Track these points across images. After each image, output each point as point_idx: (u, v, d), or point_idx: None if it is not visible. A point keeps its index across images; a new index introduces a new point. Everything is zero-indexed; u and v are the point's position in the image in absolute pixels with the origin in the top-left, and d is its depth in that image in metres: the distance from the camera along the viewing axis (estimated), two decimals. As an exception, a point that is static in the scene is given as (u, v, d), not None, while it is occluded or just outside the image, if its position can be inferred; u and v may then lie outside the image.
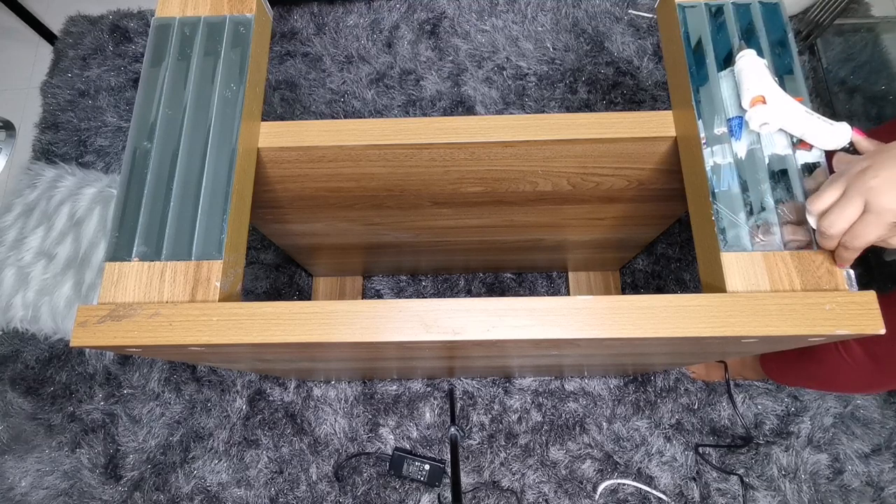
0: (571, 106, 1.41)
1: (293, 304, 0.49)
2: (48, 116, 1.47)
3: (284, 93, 1.46)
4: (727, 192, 0.52)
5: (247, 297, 1.29)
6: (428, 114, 1.42)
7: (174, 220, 0.54)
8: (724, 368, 1.13)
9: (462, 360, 0.83)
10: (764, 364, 1.06)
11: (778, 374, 1.03)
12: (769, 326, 0.47)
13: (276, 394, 1.20)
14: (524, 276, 1.28)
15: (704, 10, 0.59)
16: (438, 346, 0.52)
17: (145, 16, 1.58)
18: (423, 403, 1.18)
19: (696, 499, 1.10)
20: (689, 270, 1.26)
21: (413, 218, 0.83)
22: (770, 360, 1.04)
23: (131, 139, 0.57)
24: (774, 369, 1.04)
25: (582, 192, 0.74)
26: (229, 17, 0.62)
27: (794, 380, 1.01)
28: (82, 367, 1.24)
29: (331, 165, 0.65)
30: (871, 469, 1.10)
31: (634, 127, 0.60)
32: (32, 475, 1.17)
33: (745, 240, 0.51)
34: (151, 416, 1.20)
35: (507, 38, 1.48)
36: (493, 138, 0.61)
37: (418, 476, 1.11)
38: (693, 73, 0.57)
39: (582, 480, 1.12)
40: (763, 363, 1.06)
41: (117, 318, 0.49)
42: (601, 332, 0.48)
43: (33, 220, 1.22)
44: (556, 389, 1.18)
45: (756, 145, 0.54)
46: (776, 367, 1.03)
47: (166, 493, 1.14)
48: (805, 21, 1.41)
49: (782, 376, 1.03)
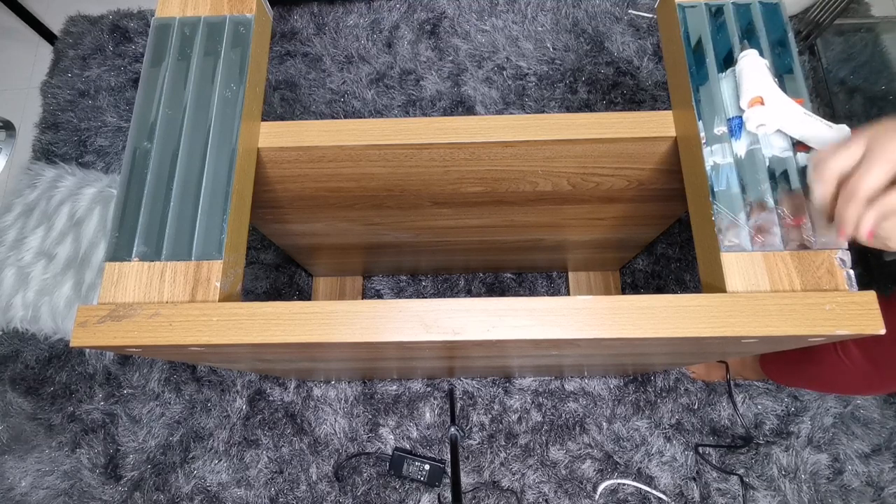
0: (571, 106, 1.41)
1: (293, 304, 0.49)
2: (48, 116, 1.47)
3: (284, 93, 1.46)
4: (727, 192, 0.52)
5: (247, 297, 1.29)
6: (428, 114, 1.42)
7: (174, 220, 0.54)
8: (724, 368, 1.13)
9: (462, 360, 0.83)
10: (763, 365, 1.06)
11: (777, 374, 1.03)
12: (769, 326, 0.47)
13: (276, 394, 1.20)
14: (524, 276, 1.28)
15: (704, 10, 0.59)
16: (438, 346, 0.52)
17: (145, 16, 1.58)
18: (423, 403, 1.18)
19: (696, 499, 1.10)
20: (689, 270, 1.26)
21: (413, 218, 0.83)
22: (769, 360, 1.04)
23: (131, 139, 0.57)
24: (773, 370, 1.04)
25: (582, 192, 0.74)
26: (229, 17, 0.62)
27: (792, 380, 1.01)
28: (82, 367, 1.24)
29: (331, 165, 0.65)
30: (871, 469, 1.10)
31: (634, 127, 0.60)
32: (32, 475, 1.17)
33: (745, 240, 0.51)
34: (151, 416, 1.20)
35: (507, 38, 1.48)
36: (493, 138, 0.61)
37: (418, 476, 1.11)
38: (693, 73, 0.57)
39: (582, 480, 1.12)
40: (763, 364, 1.06)
41: (117, 319, 0.49)
42: (601, 332, 0.48)
43: (33, 220, 1.22)
44: (556, 389, 1.18)
45: (756, 145, 0.54)
46: (775, 367, 1.03)
47: (166, 493, 1.14)
48: (805, 21, 1.41)
49: (781, 377, 1.03)
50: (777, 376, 1.04)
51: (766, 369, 1.06)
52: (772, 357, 1.04)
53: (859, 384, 0.82)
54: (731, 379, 1.16)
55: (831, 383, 0.88)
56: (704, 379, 1.17)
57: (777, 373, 1.03)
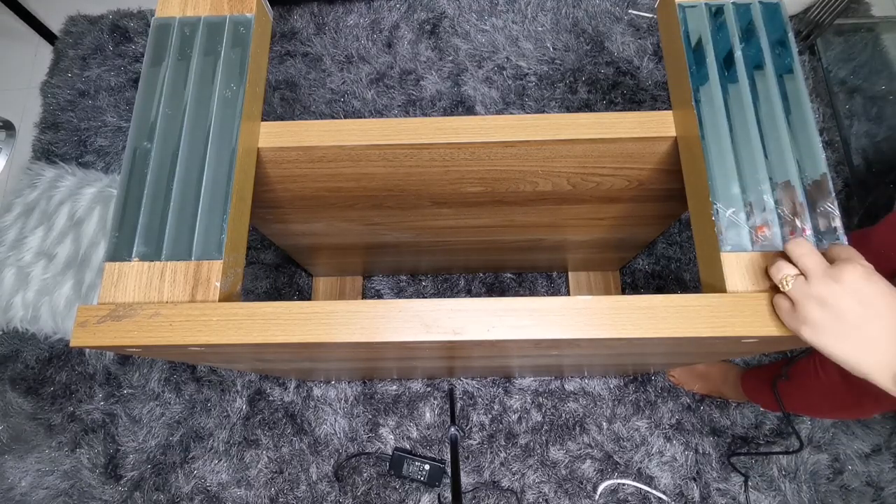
0: (571, 106, 1.41)
1: (293, 304, 0.49)
2: (48, 116, 1.47)
3: (284, 93, 1.46)
4: (727, 192, 0.52)
5: (247, 297, 1.29)
6: (428, 114, 1.42)
7: (174, 220, 0.54)
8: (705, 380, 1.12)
9: (462, 361, 0.83)
10: (744, 383, 1.05)
11: (756, 394, 1.02)
12: (769, 326, 0.47)
13: (276, 394, 1.20)
14: (524, 276, 1.28)
15: (704, 10, 0.59)
16: (438, 346, 0.52)
17: (145, 16, 1.58)
18: (423, 403, 1.18)
19: (696, 499, 1.10)
20: (689, 270, 1.26)
21: (413, 218, 0.83)
22: (749, 378, 1.03)
23: (131, 139, 0.57)
24: (751, 389, 1.02)
25: (582, 192, 0.74)
26: (229, 17, 0.62)
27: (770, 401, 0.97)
28: (82, 367, 1.24)
29: (331, 165, 0.65)
30: (871, 469, 1.10)
31: (634, 127, 0.60)
32: (32, 475, 1.17)
33: (745, 240, 0.51)
34: (151, 416, 1.20)
35: (507, 38, 1.48)
36: (493, 138, 0.61)
37: (418, 476, 1.11)
38: (693, 72, 0.57)
39: (582, 480, 1.12)
40: (743, 382, 1.05)
41: (117, 318, 0.49)
42: (601, 332, 0.48)
43: (33, 220, 1.22)
44: (556, 389, 1.18)
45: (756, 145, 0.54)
46: (752, 385, 1.01)
47: (166, 493, 1.14)
48: (805, 21, 1.41)
49: (759, 397, 1.01)
50: (755, 396, 1.02)
51: (745, 388, 1.04)
52: (753, 374, 1.03)
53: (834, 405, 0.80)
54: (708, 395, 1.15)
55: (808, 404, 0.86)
56: (684, 386, 1.16)
57: (755, 392, 1.01)
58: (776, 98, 0.56)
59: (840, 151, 1.33)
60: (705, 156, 0.54)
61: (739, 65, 0.57)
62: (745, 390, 1.04)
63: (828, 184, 0.52)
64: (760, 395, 1.00)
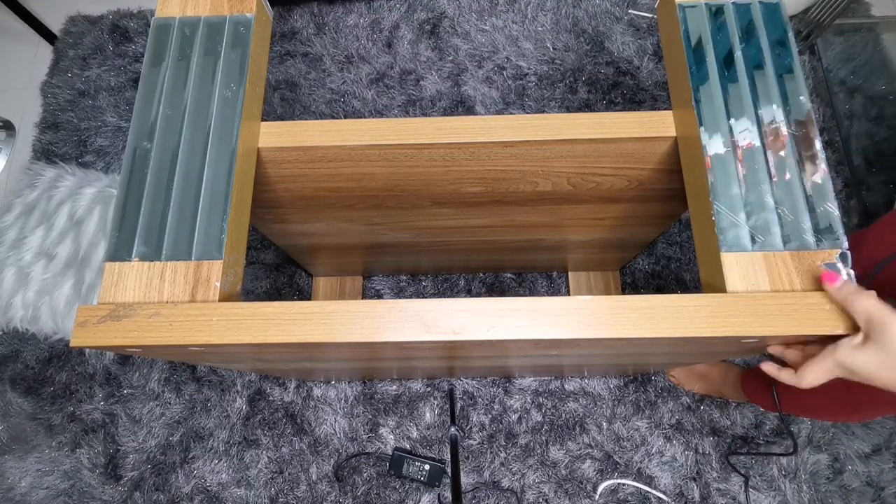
0: (571, 106, 1.41)
1: (293, 304, 0.49)
2: (48, 116, 1.47)
3: (284, 93, 1.46)
4: (727, 192, 0.52)
5: (247, 297, 1.29)
6: (428, 114, 1.42)
7: (174, 220, 0.54)
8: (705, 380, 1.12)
9: (462, 360, 0.83)
10: (744, 384, 1.05)
11: (755, 395, 1.01)
12: (769, 326, 0.47)
13: (276, 394, 1.20)
14: (524, 276, 1.28)
15: (704, 10, 0.59)
16: (438, 346, 0.52)
17: (145, 16, 1.58)
18: (423, 403, 1.18)
19: (696, 499, 1.10)
20: (689, 270, 1.26)
21: (413, 218, 0.83)
22: (749, 379, 1.03)
23: (131, 139, 0.57)
24: (751, 389, 1.02)
25: (582, 192, 0.74)
26: (229, 18, 0.62)
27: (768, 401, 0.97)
28: (82, 367, 1.24)
29: (331, 165, 0.65)
30: (871, 469, 1.10)
31: (634, 127, 0.60)
32: (32, 475, 1.17)
33: (745, 240, 0.51)
34: (151, 416, 1.20)
35: (507, 38, 1.48)
36: (493, 138, 0.61)
37: (418, 476, 1.11)
38: (693, 72, 0.57)
39: (582, 480, 1.12)
40: (743, 383, 1.05)
41: (117, 318, 0.49)
42: (601, 332, 0.48)
43: (33, 220, 1.22)
44: (556, 389, 1.18)
45: (756, 145, 0.54)
46: (753, 387, 1.01)
47: (166, 493, 1.14)
48: (805, 21, 1.41)
49: (758, 397, 1.00)
50: (755, 396, 1.02)
51: (745, 388, 1.04)
52: (752, 375, 1.03)
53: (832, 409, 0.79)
54: (708, 395, 1.15)
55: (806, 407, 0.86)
56: (684, 386, 1.16)
57: (755, 392, 1.01)
58: (776, 98, 0.56)
59: (840, 151, 1.33)
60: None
61: (739, 65, 0.57)
62: (745, 390, 1.04)
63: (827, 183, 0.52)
64: (760, 395, 1.00)
